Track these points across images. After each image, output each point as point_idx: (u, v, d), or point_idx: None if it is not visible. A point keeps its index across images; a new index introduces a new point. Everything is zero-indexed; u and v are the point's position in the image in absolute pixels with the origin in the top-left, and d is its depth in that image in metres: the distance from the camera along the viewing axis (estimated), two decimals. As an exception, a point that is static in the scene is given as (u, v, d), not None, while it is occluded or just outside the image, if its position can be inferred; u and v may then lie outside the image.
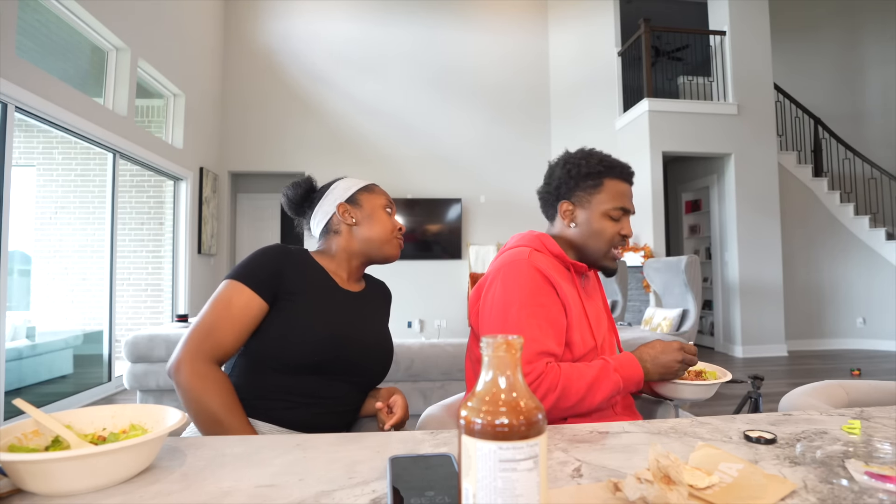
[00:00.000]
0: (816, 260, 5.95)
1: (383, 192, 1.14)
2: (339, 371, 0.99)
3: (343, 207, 1.08)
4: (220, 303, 0.93)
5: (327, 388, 0.98)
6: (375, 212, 1.09)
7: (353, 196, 1.10)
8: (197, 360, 0.89)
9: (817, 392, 1.09)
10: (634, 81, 5.93)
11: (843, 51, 6.83)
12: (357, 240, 1.08)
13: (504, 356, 0.39)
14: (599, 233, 1.07)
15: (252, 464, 0.60)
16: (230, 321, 0.92)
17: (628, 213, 1.08)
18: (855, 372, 4.55)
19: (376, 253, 1.09)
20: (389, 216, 1.11)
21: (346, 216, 1.08)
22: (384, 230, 1.09)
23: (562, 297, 0.99)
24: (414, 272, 6.21)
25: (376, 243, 1.08)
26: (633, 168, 1.11)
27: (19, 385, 3.60)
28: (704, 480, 0.51)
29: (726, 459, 0.57)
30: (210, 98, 5.80)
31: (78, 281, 4.74)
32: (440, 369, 2.78)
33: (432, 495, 0.48)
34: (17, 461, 0.50)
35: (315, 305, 0.99)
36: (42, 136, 4.82)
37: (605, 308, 1.16)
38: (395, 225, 1.11)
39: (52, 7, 3.42)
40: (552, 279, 0.98)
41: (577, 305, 1.03)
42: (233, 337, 0.93)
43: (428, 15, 6.48)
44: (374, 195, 1.11)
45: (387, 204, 1.11)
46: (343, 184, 1.12)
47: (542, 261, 1.02)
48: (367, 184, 1.13)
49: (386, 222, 1.10)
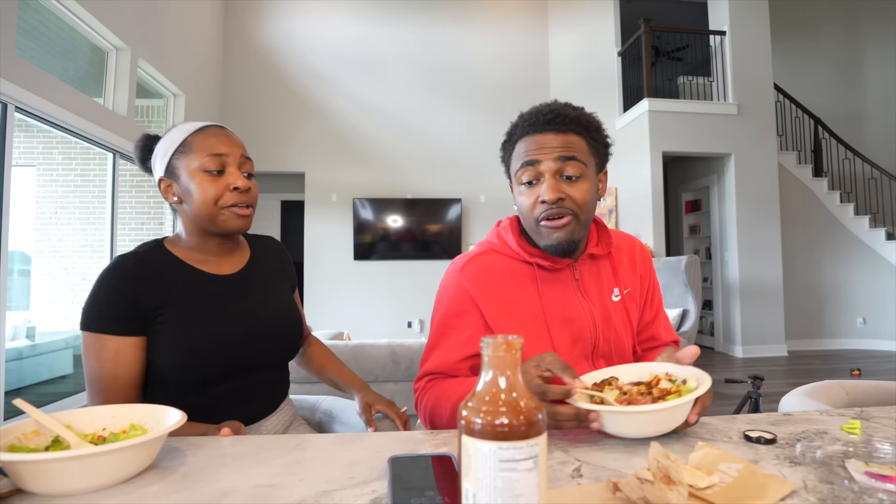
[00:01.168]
0: (816, 260, 5.95)
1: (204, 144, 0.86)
2: (239, 372, 0.89)
3: (164, 183, 0.89)
4: (90, 362, 0.81)
5: (237, 388, 0.89)
6: (193, 180, 0.85)
7: (170, 164, 0.88)
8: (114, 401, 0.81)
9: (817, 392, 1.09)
10: (634, 81, 5.93)
11: (843, 51, 6.83)
12: (188, 217, 0.89)
13: (504, 356, 0.39)
14: (519, 207, 0.90)
15: (252, 464, 0.60)
16: (111, 377, 0.81)
17: (537, 170, 0.85)
18: (855, 372, 4.55)
19: (214, 228, 0.88)
20: (213, 179, 0.86)
21: (167, 193, 0.89)
22: (202, 203, 0.85)
23: (492, 315, 0.87)
24: (414, 272, 6.21)
25: (205, 220, 0.87)
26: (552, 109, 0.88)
27: (19, 385, 3.60)
28: (704, 480, 0.51)
29: (726, 459, 0.57)
30: (210, 98, 5.80)
31: (78, 281, 4.74)
32: (440, 369, 2.77)
33: (432, 495, 0.48)
34: (18, 461, 0.50)
35: (185, 315, 0.85)
36: (42, 136, 4.82)
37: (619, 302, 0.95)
38: (217, 191, 0.85)
39: (52, 7, 3.42)
40: (478, 297, 0.88)
41: (529, 311, 0.89)
42: (125, 388, 0.82)
43: (428, 15, 6.48)
44: (191, 155, 0.86)
45: (207, 162, 0.85)
46: (162, 146, 0.89)
47: (482, 268, 0.90)
48: (185, 138, 0.87)
49: (205, 192, 0.85)
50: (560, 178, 0.85)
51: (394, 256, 6.18)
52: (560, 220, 0.85)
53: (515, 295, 0.89)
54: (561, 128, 0.86)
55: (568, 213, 0.85)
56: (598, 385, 0.71)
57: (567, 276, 0.92)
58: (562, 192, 0.84)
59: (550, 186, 0.83)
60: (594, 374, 0.75)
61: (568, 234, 0.85)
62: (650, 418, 0.62)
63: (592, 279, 0.94)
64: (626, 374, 0.75)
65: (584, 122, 0.88)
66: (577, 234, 0.87)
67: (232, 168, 0.87)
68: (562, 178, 0.85)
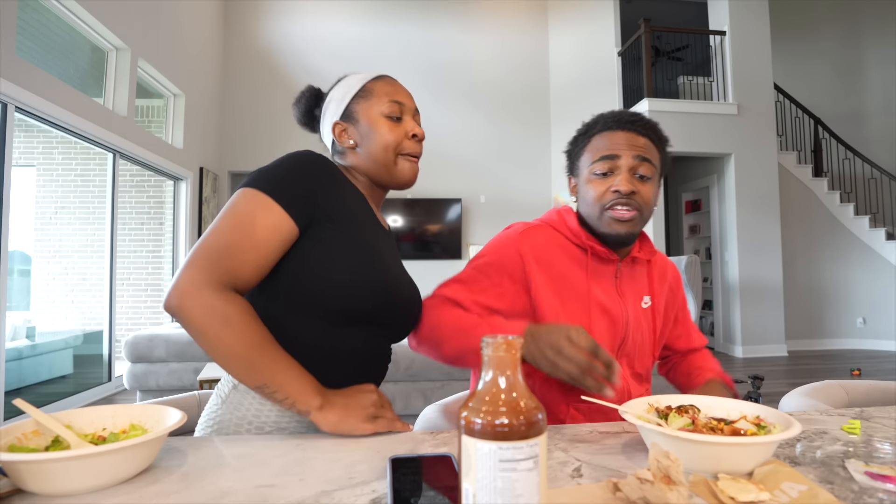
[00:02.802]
0: (816, 260, 5.95)
1: (386, 90, 0.86)
2: (386, 323, 0.82)
3: (340, 127, 0.87)
4: (240, 218, 0.71)
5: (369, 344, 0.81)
6: (374, 124, 0.84)
7: (348, 108, 0.86)
8: (209, 287, 0.68)
9: (817, 392, 1.09)
10: (634, 81, 5.93)
11: (843, 51, 6.83)
12: (362, 161, 0.86)
13: (504, 356, 0.39)
14: (586, 196, 0.94)
15: (252, 464, 0.60)
16: (254, 245, 0.71)
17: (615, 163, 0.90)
18: (855, 372, 4.55)
19: (385, 177, 0.86)
20: (395, 125, 0.85)
21: (342, 138, 0.87)
22: (384, 146, 0.84)
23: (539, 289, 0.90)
24: (414, 272, 6.14)
25: (381, 165, 0.85)
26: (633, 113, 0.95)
27: (19, 385, 3.60)
28: (750, 495, 0.48)
29: (792, 479, 0.53)
30: (210, 98, 5.80)
31: (78, 281, 4.74)
32: (440, 369, 2.78)
33: (432, 495, 0.48)
34: (18, 461, 0.50)
35: (364, 239, 0.80)
36: (42, 136, 4.82)
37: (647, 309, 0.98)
38: (399, 136, 0.85)
39: (52, 7, 3.42)
40: (534, 266, 0.91)
41: (574, 291, 0.91)
42: (254, 266, 0.72)
43: (428, 15, 6.48)
44: (372, 100, 0.85)
45: (390, 108, 0.85)
46: (338, 92, 0.88)
47: (542, 238, 0.94)
48: (365, 83, 0.87)
49: (387, 135, 0.84)
50: (633, 176, 0.90)
51: (394, 256, 6.18)
52: (629, 212, 0.89)
53: (565, 273, 0.93)
54: (641, 131, 0.92)
55: (636, 207, 0.89)
56: (679, 410, 0.67)
57: (611, 272, 0.96)
58: (635, 187, 0.89)
59: (626, 179, 0.89)
60: (679, 398, 0.70)
61: (631, 227, 0.90)
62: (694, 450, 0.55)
63: (629, 282, 0.98)
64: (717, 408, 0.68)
65: (659, 134, 0.95)
66: (637, 229, 0.92)
67: (408, 117, 0.87)
68: (635, 176, 0.90)
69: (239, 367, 0.69)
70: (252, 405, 0.76)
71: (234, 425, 0.75)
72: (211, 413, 0.79)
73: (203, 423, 0.79)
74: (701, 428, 0.61)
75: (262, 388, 0.69)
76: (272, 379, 0.69)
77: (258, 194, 0.73)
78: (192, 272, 0.68)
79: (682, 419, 0.63)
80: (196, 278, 0.67)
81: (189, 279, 0.67)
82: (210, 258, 0.69)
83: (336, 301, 0.76)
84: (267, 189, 0.73)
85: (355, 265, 0.77)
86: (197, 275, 0.68)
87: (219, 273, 0.69)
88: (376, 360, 0.84)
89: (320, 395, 0.71)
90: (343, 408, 0.71)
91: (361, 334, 0.80)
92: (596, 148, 0.93)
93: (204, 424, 0.78)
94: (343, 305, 0.76)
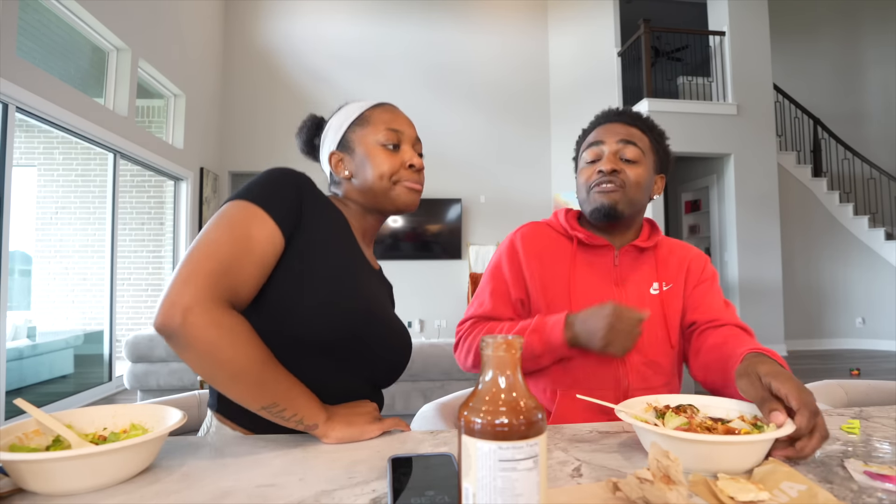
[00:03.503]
0: (816, 260, 5.95)
1: (383, 119, 0.85)
2: (359, 357, 0.77)
3: (336, 158, 0.86)
4: (236, 231, 0.67)
5: (337, 379, 0.76)
6: (370, 153, 0.83)
7: (345, 137, 0.85)
8: (214, 303, 0.63)
9: (816, 392, 1.09)
10: (634, 82, 5.93)
11: (843, 51, 6.83)
12: (357, 192, 0.85)
13: (504, 356, 0.39)
14: (578, 184, 1.04)
15: (252, 464, 0.60)
16: (253, 259, 0.67)
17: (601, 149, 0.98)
18: (854, 372, 4.55)
19: (385, 204, 0.84)
20: (390, 154, 0.83)
21: (338, 168, 0.85)
22: (378, 175, 0.82)
23: (530, 271, 0.99)
24: (414, 272, 6.21)
25: (378, 194, 0.83)
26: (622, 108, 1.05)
27: (20, 385, 3.60)
28: (750, 494, 0.48)
29: (791, 479, 0.53)
30: (210, 98, 5.80)
31: (78, 281, 4.74)
32: (440, 369, 2.78)
33: (432, 495, 0.48)
34: (19, 461, 0.50)
35: (341, 262, 0.76)
36: (43, 137, 4.82)
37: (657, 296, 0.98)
38: (394, 165, 0.83)
39: (53, 7, 3.42)
40: (523, 253, 1.00)
41: (556, 278, 0.98)
42: (255, 282, 0.68)
43: (428, 15, 6.48)
44: (368, 128, 0.84)
45: (386, 136, 0.83)
46: (336, 121, 0.88)
47: (534, 231, 1.04)
48: (363, 111, 0.86)
49: (381, 165, 0.82)
50: (619, 158, 0.96)
51: (394, 256, 6.17)
52: (610, 185, 0.94)
53: (551, 261, 1.00)
54: (628, 120, 1.00)
55: (618, 184, 0.95)
56: (677, 410, 0.67)
57: (606, 260, 1.00)
58: (618, 166, 0.95)
59: (609, 159, 0.96)
60: (678, 398, 0.70)
61: (612, 200, 0.94)
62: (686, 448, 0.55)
63: (632, 270, 1.00)
64: (715, 408, 0.69)
65: (649, 124, 1.01)
66: (621, 205, 0.95)
67: (406, 146, 0.85)
68: (621, 159, 0.96)
69: (246, 387, 0.64)
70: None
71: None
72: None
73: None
74: (696, 427, 0.61)
75: (271, 407, 0.65)
76: (281, 396, 0.66)
77: (251, 206, 0.69)
78: (194, 288, 0.62)
79: (678, 419, 0.64)
80: (200, 294, 0.62)
81: (192, 295, 0.61)
82: (211, 272, 0.64)
83: (302, 328, 0.71)
84: (259, 201, 0.70)
85: (329, 290, 0.72)
86: (201, 291, 0.62)
87: (221, 289, 0.64)
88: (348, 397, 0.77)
89: (325, 408, 0.70)
90: (347, 416, 0.71)
91: (328, 366, 0.75)
92: (587, 141, 1.03)
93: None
94: (308, 332, 0.72)
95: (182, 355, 0.62)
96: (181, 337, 0.61)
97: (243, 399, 0.65)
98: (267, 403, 0.65)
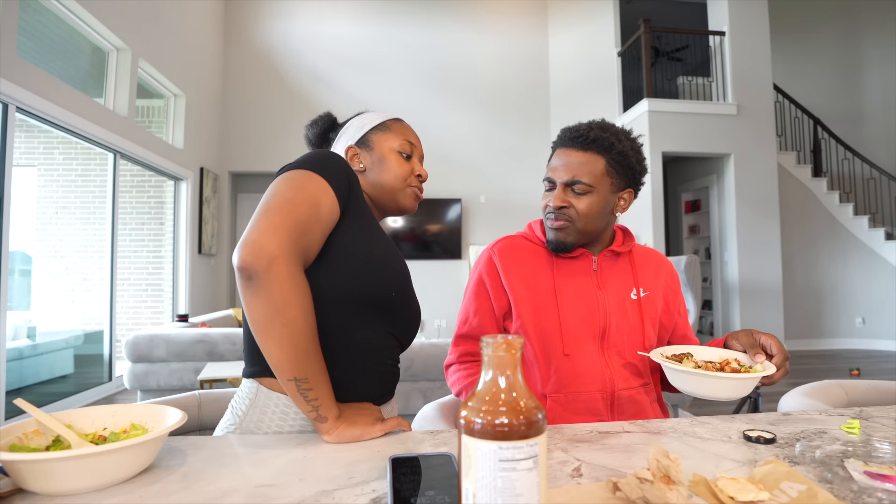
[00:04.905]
0: (816, 260, 5.95)
1: (402, 131, 0.95)
2: (399, 312, 0.84)
3: (352, 151, 0.93)
4: (307, 195, 0.71)
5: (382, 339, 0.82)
6: (386, 156, 0.92)
7: (365, 136, 0.94)
8: (296, 259, 0.66)
9: (816, 392, 1.09)
10: (634, 81, 5.93)
11: (843, 51, 6.83)
12: (369, 185, 0.92)
13: (504, 356, 0.39)
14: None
15: (252, 464, 0.60)
16: (320, 227, 0.72)
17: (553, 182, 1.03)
18: (854, 372, 4.55)
19: (389, 203, 0.93)
20: (404, 161, 0.93)
21: (354, 161, 0.93)
22: (394, 177, 0.91)
23: (510, 282, 1.04)
24: (414, 272, 6.14)
25: (387, 192, 0.92)
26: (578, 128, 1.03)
27: (20, 385, 3.60)
28: (750, 494, 0.48)
29: (791, 479, 0.53)
30: (210, 98, 5.80)
31: (78, 281, 4.74)
32: (440, 369, 2.78)
33: (432, 495, 0.48)
34: (19, 461, 0.50)
35: (381, 231, 0.85)
36: (43, 137, 4.82)
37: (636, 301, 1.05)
38: (407, 171, 0.92)
39: (53, 7, 3.42)
40: (502, 268, 1.05)
41: (541, 285, 1.03)
42: (318, 246, 0.73)
43: (428, 15, 6.48)
44: (388, 135, 0.94)
45: (402, 146, 0.93)
46: (358, 121, 0.97)
47: (510, 245, 1.08)
48: (384, 120, 0.96)
49: (396, 168, 0.91)
50: (569, 190, 1.01)
51: (394, 256, 6.18)
52: (556, 221, 1.01)
53: (532, 270, 1.05)
54: (582, 146, 1.00)
55: (566, 219, 1.00)
56: (677, 357, 0.90)
57: (585, 265, 1.06)
58: (565, 202, 1.00)
59: (557, 196, 1.01)
60: (673, 349, 0.93)
61: (562, 237, 1.02)
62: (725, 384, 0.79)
63: (612, 274, 1.06)
64: (701, 353, 0.93)
65: (605, 145, 0.99)
66: (571, 237, 1.02)
67: (416, 158, 0.96)
68: (571, 191, 1.00)
69: (293, 351, 0.66)
70: (273, 420, 0.75)
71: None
72: (228, 426, 0.78)
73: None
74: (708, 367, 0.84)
75: (301, 381, 0.67)
76: (313, 375, 0.67)
77: (315, 176, 0.74)
78: (281, 238, 0.64)
79: (689, 362, 0.87)
80: (287, 248, 0.64)
81: (279, 245, 0.64)
82: (294, 229, 0.66)
83: (363, 286, 0.77)
84: (323, 173, 0.75)
85: (384, 251, 0.80)
86: (287, 244, 0.65)
87: (300, 247, 0.68)
88: (385, 361, 0.84)
89: (338, 405, 0.71)
90: (351, 416, 0.72)
91: (378, 326, 0.81)
92: (548, 166, 1.05)
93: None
94: (370, 291, 0.78)
95: (250, 298, 0.64)
96: (262, 281, 0.63)
97: (282, 362, 0.66)
98: (300, 375, 0.67)
